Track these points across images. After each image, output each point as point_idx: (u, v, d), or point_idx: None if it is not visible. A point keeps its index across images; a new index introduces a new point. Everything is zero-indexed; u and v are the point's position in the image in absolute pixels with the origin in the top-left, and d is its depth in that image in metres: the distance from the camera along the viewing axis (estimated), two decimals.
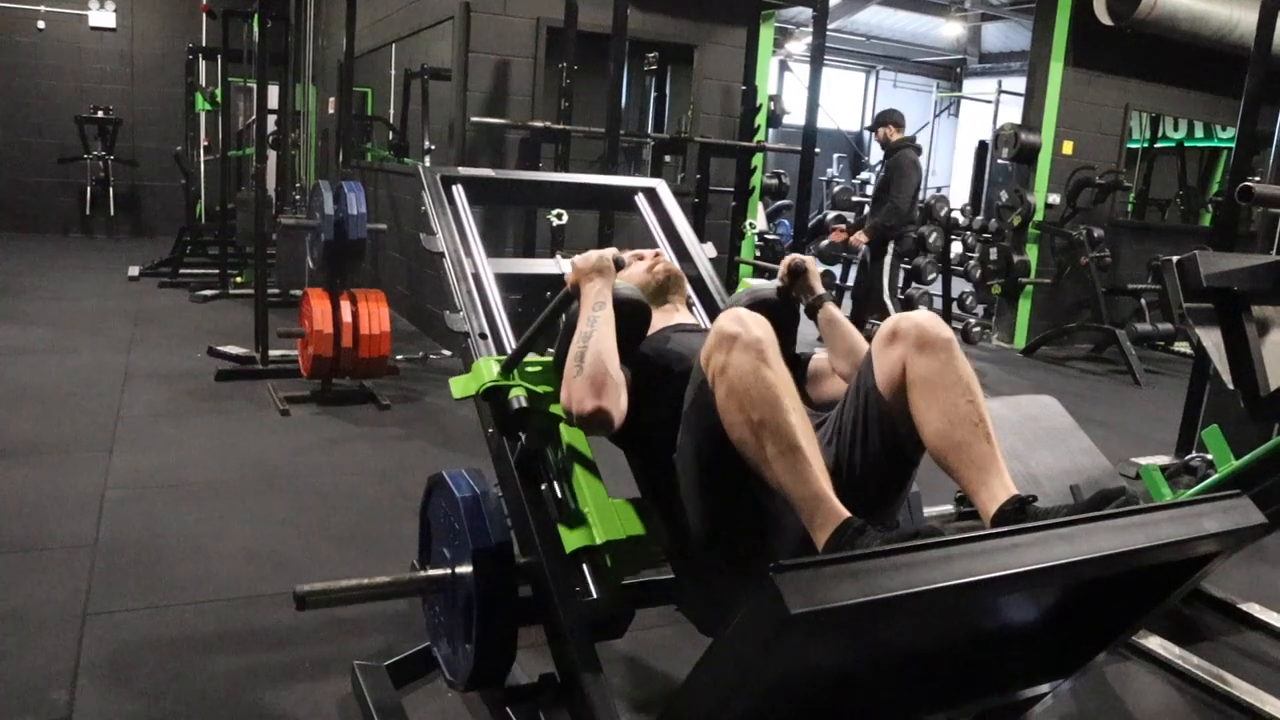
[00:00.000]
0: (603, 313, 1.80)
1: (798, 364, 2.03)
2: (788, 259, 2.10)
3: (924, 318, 1.62)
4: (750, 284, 2.23)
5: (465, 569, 1.83)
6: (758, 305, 2.00)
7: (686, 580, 1.85)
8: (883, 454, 1.64)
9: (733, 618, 1.13)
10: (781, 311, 2.05)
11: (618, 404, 1.71)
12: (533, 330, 1.91)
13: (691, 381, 1.64)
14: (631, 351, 1.87)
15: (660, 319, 2.06)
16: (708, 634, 1.79)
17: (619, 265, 1.90)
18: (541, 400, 1.90)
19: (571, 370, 1.73)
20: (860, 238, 6.67)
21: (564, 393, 1.74)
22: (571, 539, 1.77)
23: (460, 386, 2.00)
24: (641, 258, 2.21)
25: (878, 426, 1.64)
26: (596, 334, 1.76)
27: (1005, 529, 1.23)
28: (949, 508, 3.13)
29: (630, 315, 1.87)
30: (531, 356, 1.96)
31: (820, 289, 2.09)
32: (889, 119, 6.60)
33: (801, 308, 2.10)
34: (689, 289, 2.31)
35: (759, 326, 1.52)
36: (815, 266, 2.10)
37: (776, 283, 2.10)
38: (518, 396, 1.87)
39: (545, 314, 1.90)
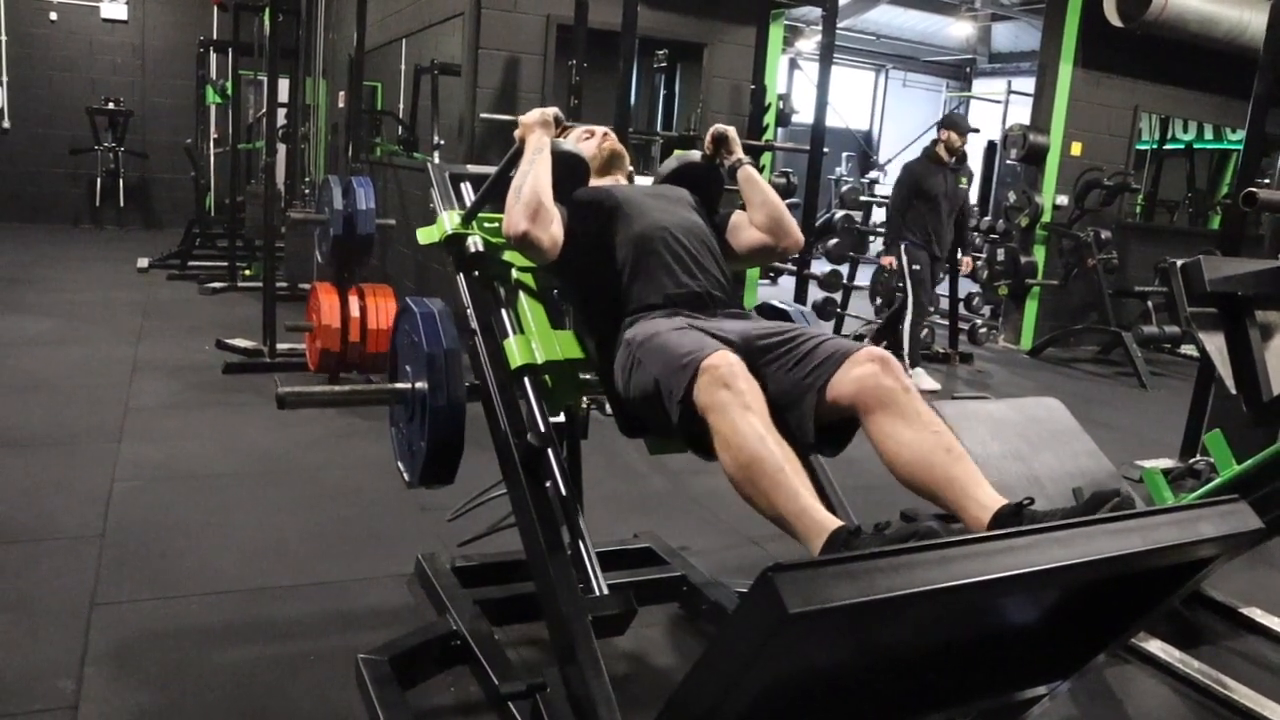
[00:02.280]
0: (540, 156, 2.10)
1: (721, 220, 2.30)
2: (712, 128, 2.36)
3: (881, 369, 1.67)
4: (679, 153, 2.49)
5: (422, 381, 2.10)
6: (685, 168, 2.38)
7: (613, 401, 2.00)
8: (789, 429, 1.72)
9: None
10: (707, 173, 2.37)
11: (548, 229, 2.01)
12: (488, 184, 2.24)
13: (671, 371, 1.72)
14: (567, 196, 2.16)
15: (600, 183, 2.32)
16: (627, 435, 1.99)
17: (559, 121, 2.26)
18: (496, 249, 2.24)
19: (511, 200, 2.03)
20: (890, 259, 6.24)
21: (505, 221, 2.03)
22: (515, 357, 2.02)
23: (426, 235, 2.35)
24: (592, 134, 2.46)
25: (799, 414, 1.74)
26: (534, 171, 2.06)
27: (1002, 531, 1.24)
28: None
29: (569, 166, 2.21)
30: (489, 213, 2.28)
31: (740, 154, 2.33)
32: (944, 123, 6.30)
33: (724, 170, 2.35)
34: (631, 168, 2.54)
35: (743, 379, 1.61)
36: (734, 134, 2.35)
37: (702, 151, 2.37)
38: (474, 241, 2.24)
39: (500, 167, 2.23)
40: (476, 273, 2.23)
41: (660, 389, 1.74)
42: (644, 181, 2.58)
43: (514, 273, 2.22)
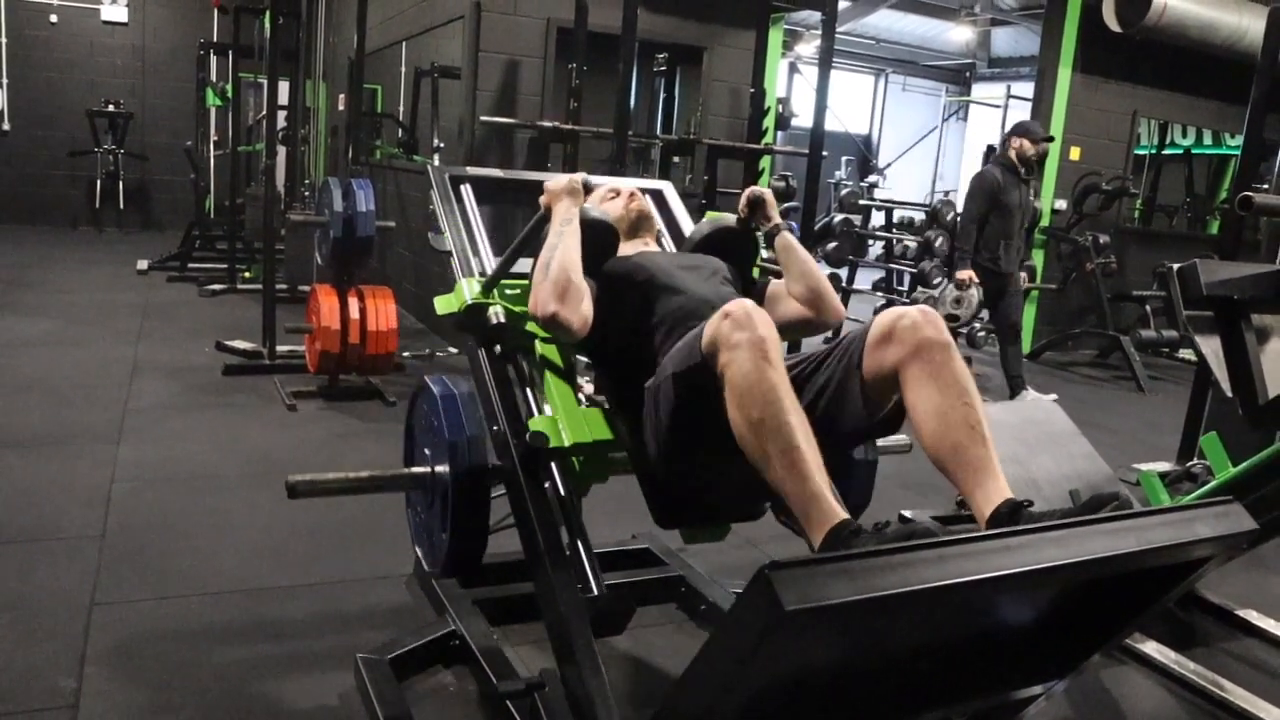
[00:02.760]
0: (569, 228, 1.97)
1: (757, 288, 2.20)
2: (747, 191, 2.26)
3: (923, 319, 1.63)
4: (713, 215, 2.39)
5: (443, 466, 1.98)
6: (719, 233, 2.26)
7: (645, 484, 1.94)
8: (837, 423, 1.71)
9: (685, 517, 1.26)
10: (742, 240, 2.26)
11: (578, 309, 1.87)
12: (510, 252, 2.10)
13: (686, 347, 1.68)
14: (597, 268, 2.03)
15: (629, 249, 2.22)
16: (662, 526, 1.93)
17: (588, 189, 2.10)
18: (519, 319, 2.09)
19: (539, 277, 1.90)
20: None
21: (531, 299, 1.90)
22: (541, 441, 1.89)
23: (444, 304, 2.20)
24: (617, 193, 2.34)
25: (845, 400, 1.70)
26: (562, 245, 1.92)
27: (998, 531, 1.25)
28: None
29: (598, 235, 2.07)
30: (510, 278, 2.16)
31: (777, 219, 2.23)
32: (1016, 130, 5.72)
33: (760, 236, 2.26)
34: (660, 227, 2.46)
35: (764, 325, 1.55)
36: (771, 198, 2.25)
37: (737, 214, 2.28)
38: (495, 312, 2.10)
39: (522, 235, 2.10)
40: (498, 346, 2.09)
41: (677, 380, 1.68)
42: (667, 240, 2.52)
43: (538, 345, 2.08)
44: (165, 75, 11.06)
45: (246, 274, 7.77)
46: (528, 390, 2.02)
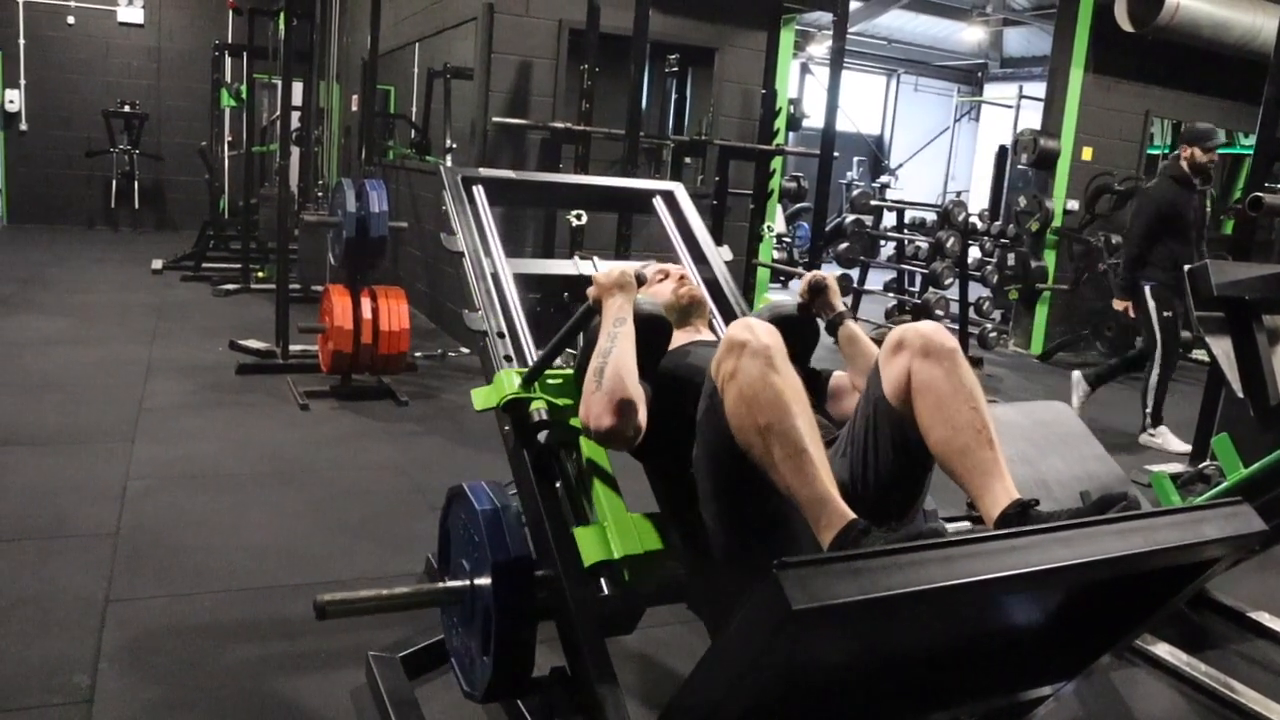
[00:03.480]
0: (623, 329, 1.80)
1: (817, 380, 2.05)
2: (808, 276, 2.12)
3: (928, 328, 1.65)
4: (770, 299, 2.24)
5: (484, 581, 1.82)
6: (778, 321, 1.97)
7: (702, 590, 1.85)
8: (894, 461, 1.67)
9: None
10: (802, 328, 2.07)
11: (634, 421, 1.72)
12: (554, 343, 1.92)
13: (704, 390, 1.66)
14: (652, 366, 1.87)
15: (681, 337, 2.07)
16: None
17: (640, 281, 1.91)
18: (562, 413, 1.92)
19: (591, 386, 1.75)
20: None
21: (583, 408, 1.75)
22: (590, 553, 1.77)
23: (482, 398, 2.01)
24: (666, 274, 2.20)
25: (888, 434, 1.66)
26: (617, 349, 1.76)
27: (1006, 531, 1.26)
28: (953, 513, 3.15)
29: (652, 330, 1.88)
30: (553, 369, 1.97)
31: (840, 306, 2.11)
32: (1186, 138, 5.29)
33: (822, 325, 2.11)
34: (712, 308, 2.32)
35: (767, 334, 1.55)
36: (835, 284, 2.13)
37: (797, 299, 2.12)
38: (538, 409, 1.91)
39: (567, 328, 1.92)
40: (538, 446, 1.94)
41: (702, 426, 1.63)
42: (719, 322, 2.39)
43: (583, 443, 1.94)
44: (180, 76, 11.13)
45: (260, 274, 7.81)
46: (574, 497, 1.89)
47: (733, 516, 1.67)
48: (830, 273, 2.24)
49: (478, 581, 1.84)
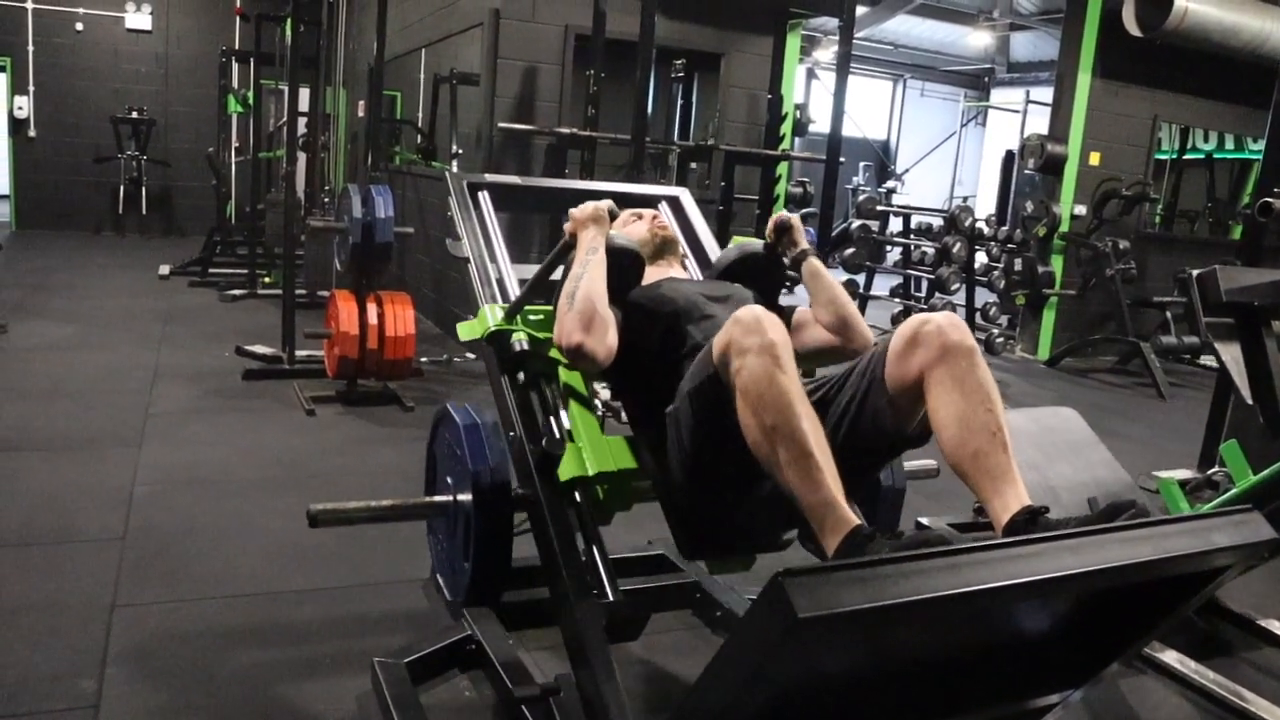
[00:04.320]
0: (595, 257, 1.95)
1: (783, 315, 2.15)
2: (774, 216, 2.25)
3: (947, 324, 1.63)
4: (739, 240, 2.38)
5: (465, 495, 1.95)
6: (746, 259, 2.24)
7: (670, 513, 1.93)
8: (865, 440, 1.69)
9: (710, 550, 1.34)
10: (769, 266, 2.24)
11: (603, 340, 1.86)
12: (534, 278, 2.09)
13: (700, 362, 1.68)
14: (623, 296, 2.02)
15: (654, 273, 2.20)
16: (688, 557, 1.92)
17: (613, 215, 2.07)
18: (541, 345, 2.08)
19: (564, 307, 1.88)
20: None
21: (556, 328, 1.89)
22: (566, 469, 1.90)
23: (467, 330, 2.21)
24: (639, 217, 2.34)
25: (871, 416, 1.68)
26: (588, 275, 1.90)
27: (1014, 539, 1.25)
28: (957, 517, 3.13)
29: (624, 263, 2.05)
30: (533, 305, 2.15)
31: (805, 244, 2.22)
32: None
33: (786, 261, 2.24)
34: (685, 251, 2.45)
35: (775, 330, 1.55)
36: (799, 224, 2.24)
37: (764, 239, 2.27)
38: (519, 339, 2.08)
39: (545, 262, 2.08)
40: (521, 373, 2.09)
41: (693, 398, 1.67)
42: (692, 263, 2.51)
43: (561, 372, 2.09)
44: (188, 82, 11.17)
45: (266, 279, 7.83)
46: (551, 418, 2.00)
47: (703, 480, 1.76)
48: (842, 279, 2.29)
49: (460, 496, 1.99)
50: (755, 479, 1.60)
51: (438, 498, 2.08)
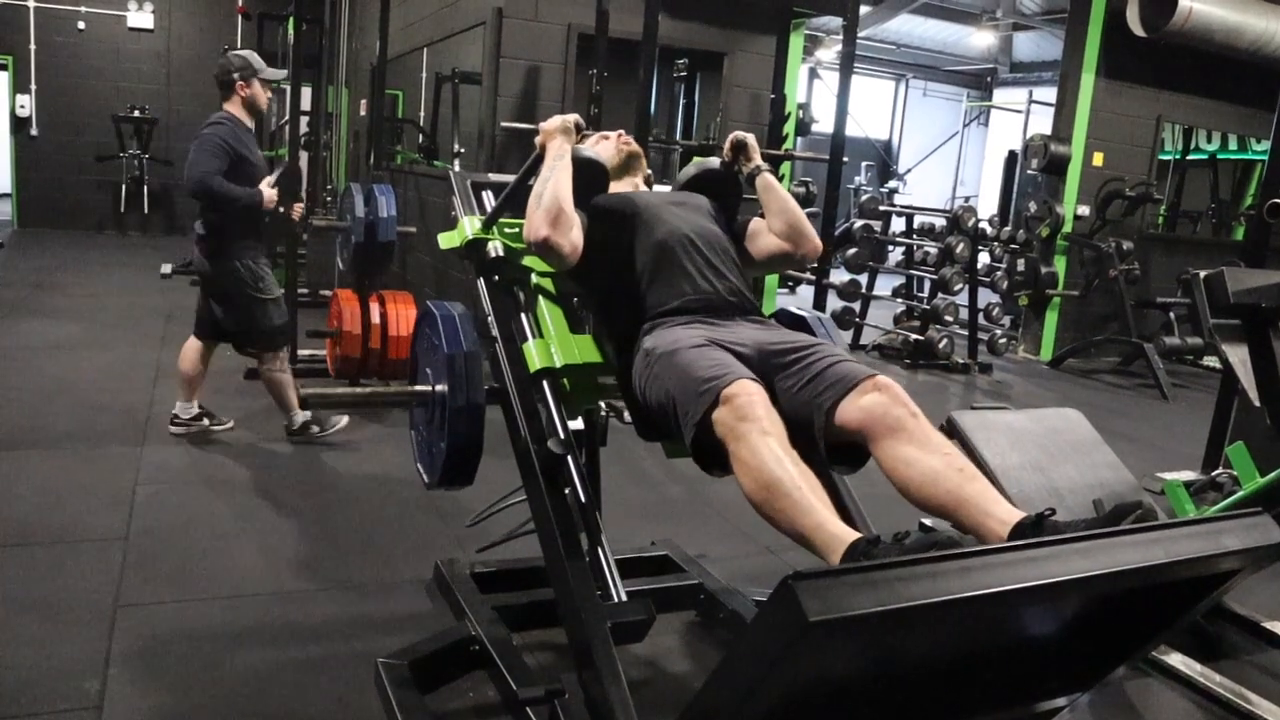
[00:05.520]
0: (561, 162, 2.12)
1: (741, 226, 2.32)
2: (731, 135, 2.37)
3: (889, 400, 1.69)
4: (698, 160, 2.48)
5: (443, 385, 2.09)
6: (705, 175, 2.40)
7: (630, 403, 2.01)
8: (793, 420, 1.74)
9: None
10: (726, 181, 2.38)
11: (568, 235, 2.03)
12: (509, 189, 2.27)
13: (691, 384, 1.72)
14: (588, 203, 2.18)
15: (619, 188, 2.36)
16: (646, 438, 1.99)
17: (579, 128, 2.23)
18: (516, 254, 2.27)
19: (532, 205, 2.05)
20: None
21: (526, 226, 2.06)
22: (535, 360, 2.05)
23: (447, 239, 2.37)
24: (607, 137, 2.48)
25: (807, 415, 1.75)
26: (555, 178, 2.07)
27: (1024, 542, 1.24)
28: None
29: (589, 171, 2.23)
30: (509, 218, 2.32)
31: (758, 160, 2.33)
32: None
33: (743, 177, 2.36)
34: (649, 170, 2.56)
35: (761, 406, 1.63)
36: (754, 142, 2.35)
37: (721, 157, 2.38)
38: (494, 246, 2.27)
39: (520, 174, 2.24)
40: (496, 278, 2.26)
41: (676, 408, 1.75)
42: (662, 188, 2.59)
43: (534, 277, 2.25)
44: (190, 81, 11.16)
45: None
46: (524, 316, 2.16)
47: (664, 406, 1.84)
48: (839, 278, 2.32)
49: (438, 386, 2.13)
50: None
51: (417, 387, 2.23)
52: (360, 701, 2.21)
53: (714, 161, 2.43)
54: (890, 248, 8.46)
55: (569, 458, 1.96)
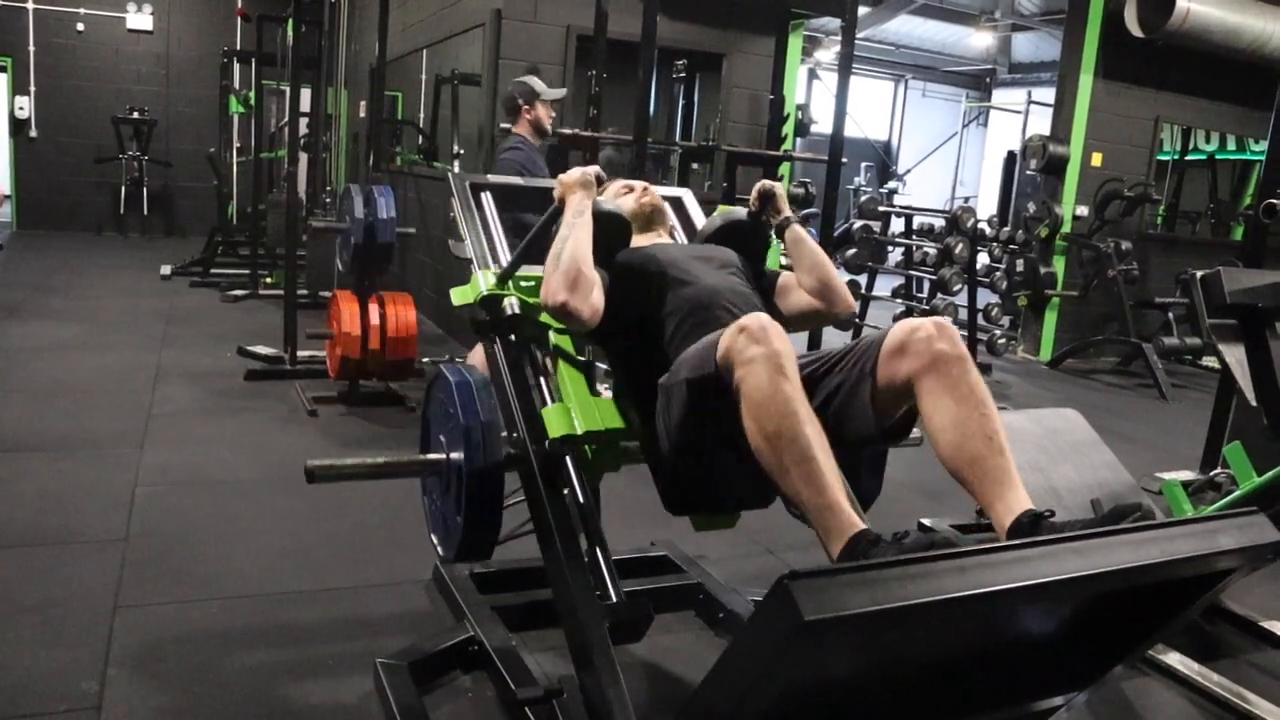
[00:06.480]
0: (581, 219, 2.00)
1: (768, 280, 2.21)
2: (758, 185, 2.28)
3: (937, 332, 1.63)
4: (724, 209, 2.39)
5: (458, 453, 1.99)
6: (731, 226, 2.28)
7: (656, 472, 1.94)
8: (844, 426, 1.70)
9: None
10: (753, 233, 2.30)
11: (588, 299, 1.90)
12: (525, 244, 2.14)
13: (700, 356, 1.69)
14: (610, 260, 2.06)
15: (642, 241, 2.24)
16: (673, 513, 1.93)
17: (601, 181, 2.13)
18: (532, 309, 2.12)
19: (550, 267, 1.93)
20: None
21: (543, 289, 1.93)
22: (555, 428, 1.94)
23: (460, 295, 2.25)
24: (630, 189, 2.36)
25: (854, 406, 1.70)
26: (574, 237, 1.95)
27: (1019, 541, 1.24)
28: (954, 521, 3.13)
29: (610, 227, 2.10)
30: (525, 270, 2.19)
31: (787, 212, 2.25)
32: None
33: (771, 229, 2.28)
34: (673, 221, 2.47)
35: (779, 339, 1.55)
36: (782, 192, 2.28)
37: (748, 207, 2.30)
38: (510, 303, 2.13)
39: (536, 228, 2.12)
40: (512, 336, 2.14)
41: (690, 387, 1.68)
42: (680, 235, 2.53)
43: (551, 336, 2.13)
44: (189, 83, 11.17)
45: (268, 280, 7.83)
46: (542, 380, 2.07)
47: (690, 456, 1.78)
48: (845, 279, 2.30)
49: (453, 454, 2.02)
50: (739, 449, 1.61)
51: (431, 455, 2.13)
52: (359, 702, 2.21)
53: (740, 212, 2.33)
54: (889, 248, 8.46)
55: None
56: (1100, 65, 7.51)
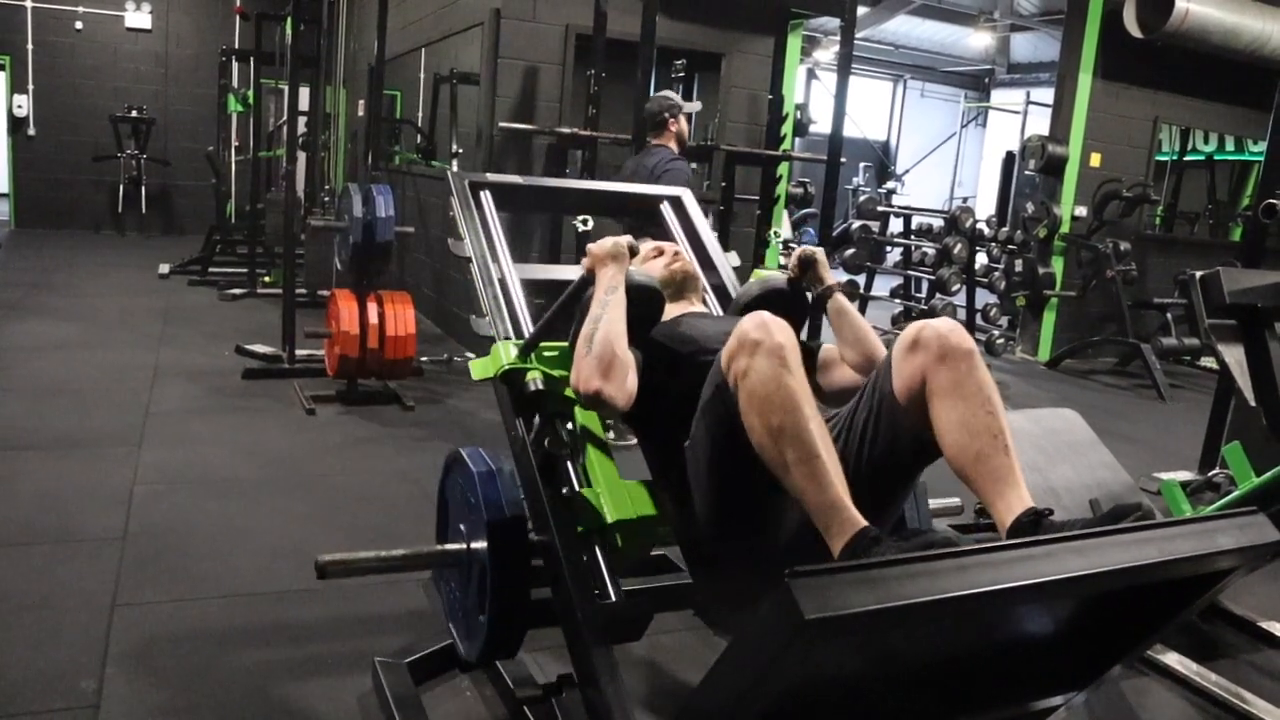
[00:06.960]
0: (614, 296, 1.85)
1: (809, 354, 2.06)
2: (798, 250, 2.16)
3: (946, 327, 1.62)
4: (761, 274, 2.28)
5: (480, 543, 1.87)
6: (769, 295, 2.12)
7: (693, 566, 1.87)
8: (888, 457, 1.66)
9: (737, 611, 1.12)
10: (792, 302, 2.14)
11: (623, 385, 1.76)
12: (549, 315, 1.98)
13: (710, 378, 1.66)
14: (644, 335, 1.92)
15: (675, 310, 2.11)
16: (713, 627, 1.82)
17: (633, 252, 1.95)
18: (557, 384, 1.96)
19: (581, 350, 1.79)
20: None
21: (574, 373, 1.80)
22: (583, 517, 1.83)
23: (480, 368, 2.07)
24: (661, 251, 2.24)
25: (889, 431, 1.66)
26: (607, 316, 1.81)
27: (1019, 540, 1.24)
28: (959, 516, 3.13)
29: (643, 301, 1.93)
30: (549, 341, 2.02)
31: (830, 279, 2.15)
32: None
33: (811, 298, 2.16)
34: (705, 286, 2.36)
35: (782, 332, 1.54)
36: (823, 258, 2.16)
37: (787, 274, 2.17)
38: (534, 379, 1.94)
39: (562, 299, 1.97)
40: (536, 414, 1.97)
41: (705, 415, 1.64)
42: (712, 299, 2.45)
43: (578, 413, 1.99)
44: (187, 81, 11.16)
45: (266, 278, 7.82)
46: (569, 463, 1.91)
47: (725, 505, 1.68)
48: (843, 279, 2.24)
49: (474, 544, 1.89)
50: (780, 512, 1.57)
51: (451, 546, 1.99)
52: (358, 701, 2.21)
53: (779, 279, 2.20)
54: (888, 248, 8.47)
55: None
56: (1099, 65, 7.51)
